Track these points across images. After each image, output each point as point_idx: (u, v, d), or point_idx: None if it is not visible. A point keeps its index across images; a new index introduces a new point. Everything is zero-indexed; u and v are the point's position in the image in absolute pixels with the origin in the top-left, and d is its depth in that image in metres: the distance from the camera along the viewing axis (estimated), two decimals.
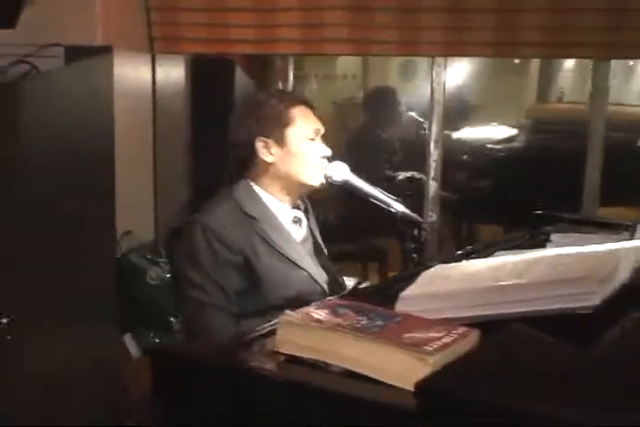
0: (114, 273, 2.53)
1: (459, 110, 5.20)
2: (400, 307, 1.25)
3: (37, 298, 2.37)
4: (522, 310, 1.14)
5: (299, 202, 1.91)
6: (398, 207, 1.81)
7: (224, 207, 1.79)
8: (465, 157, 4.35)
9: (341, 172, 1.83)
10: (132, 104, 3.01)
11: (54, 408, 2.39)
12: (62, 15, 2.71)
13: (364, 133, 4.49)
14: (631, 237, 1.70)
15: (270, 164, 1.83)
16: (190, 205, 3.24)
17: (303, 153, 1.82)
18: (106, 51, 2.52)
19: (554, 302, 1.12)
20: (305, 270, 1.81)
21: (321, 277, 1.85)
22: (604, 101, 2.91)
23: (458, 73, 5.64)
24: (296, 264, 1.80)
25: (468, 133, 4.68)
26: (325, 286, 1.84)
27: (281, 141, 1.82)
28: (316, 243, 1.93)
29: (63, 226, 2.43)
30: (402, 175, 4.15)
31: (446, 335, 1.07)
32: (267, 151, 1.83)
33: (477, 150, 4.40)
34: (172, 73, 3.31)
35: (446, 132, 4.50)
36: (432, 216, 3.10)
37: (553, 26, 2.76)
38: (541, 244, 1.81)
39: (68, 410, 2.39)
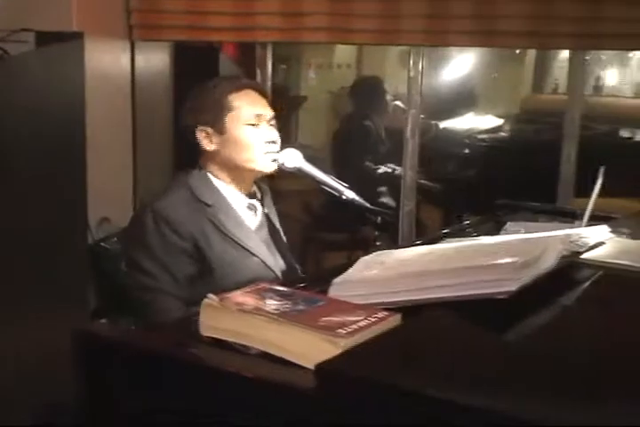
0: (84, 259, 2.54)
1: (447, 100, 5.21)
2: (332, 292, 1.26)
3: (7, 284, 2.40)
4: (444, 295, 1.15)
5: (254, 189, 1.91)
6: (349, 194, 1.82)
7: (177, 193, 1.80)
8: (449, 146, 4.36)
9: (294, 159, 1.84)
10: (110, 90, 3.02)
11: (23, 394, 2.42)
12: (38, 1, 2.72)
13: (350, 123, 4.49)
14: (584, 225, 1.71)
15: (214, 152, 1.84)
16: None
17: (243, 139, 1.81)
18: (77, 37, 2.53)
19: (473, 288, 1.13)
20: (258, 257, 1.81)
21: (275, 264, 1.86)
22: (581, 92, 2.91)
23: (447, 62, 5.64)
24: (249, 251, 1.80)
25: (456, 123, 4.67)
26: (279, 273, 1.84)
27: (220, 129, 1.82)
28: (273, 231, 1.94)
29: (32, 212, 2.45)
30: (382, 168, 4.17)
31: (364, 319, 1.08)
32: (208, 141, 1.84)
33: (462, 140, 4.40)
34: (153, 60, 3.31)
35: (433, 121, 4.53)
36: (408, 205, 3.11)
37: (534, 15, 2.75)
38: (494, 232, 1.82)
39: (39, 395, 2.42)
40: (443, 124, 4.62)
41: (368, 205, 1.80)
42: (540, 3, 2.72)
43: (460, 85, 5.53)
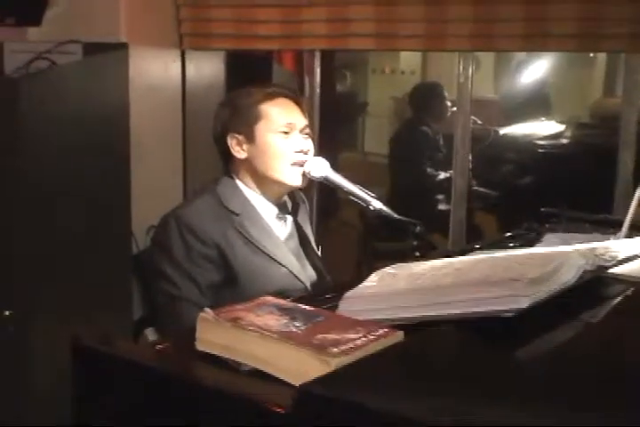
0: (128, 268, 2.56)
1: (512, 106, 5.09)
2: (342, 306, 1.22)
3: (52, 290, 2.43)
4: (452, 312, 1.09)
5: (284, 199, 1.89)
6: (376, 204, 1.77)
7: (203, 200, 1.79)
8: (507, 152, 4.25)
9: (320, 168, 1.80)
10: (159, 100, 3.05)
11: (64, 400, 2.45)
12: (87, 12, 2.77)
13: (408, 129, 4.45)
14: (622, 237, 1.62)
15: (244, 160, 1.82)
16: None
17: (273, 148, 1.78)
18: (122, 47, 2.56)
19: (481, 305, 1.07)
20: (285, 267, 1.79)
21: (304, 274, 1.83)
22: (636, 96, 2.79)
23: (514, 66, 5.51)
24: (276, 260, 1.78)
25: (517, 129, 4.55)
26: (308, 284, 1.81)
27: (251, 137, 1.80)
28: (304, 241, 1.91)
29: (77, 221, 2.48)
30: (441, 174, 4.11)
31: (362, 337, 1.04)
32: (239, 148, 1.82)
33: (521, 147, 4.28)
34: (206, 69, 3.33)
35: (492, 127, 4.43)
36: (459, 212, 3.04)
37: (582, 17, 2.65)
38: (531, 243, 1.75)
39: None
40: (503, 131, 4.51)
41: (395, 215, 1.75)
42: (590, 3, 2.61)
43: (527, 90, 5.40)
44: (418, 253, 2.11)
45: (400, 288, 1.20)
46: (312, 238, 1.96)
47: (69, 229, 2.46)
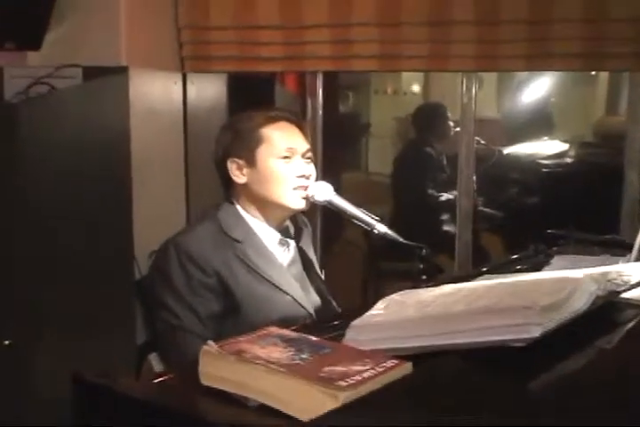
0: (131, 293, 2.52)
1: (516, 125, 5.08)
2: (349, 335, 1.19)
3: (53, 315, 2.40)
4: (462, 341, 1.06)
5: (286, 224, 1.86)
6: (380, 228, 1.73)
7: (204, 228, 1.76)
8: (511, 172, 4.23)
9: (324, 192, 1.77)
10: (161, 123, 3.03)
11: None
12: (87, 36, 2.76)
13: (412, 149, 4.43)
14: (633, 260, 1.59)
15: (244, 185, 1.79)
16: None
17: (274, 173, 1.75)
18: (122, 71, 2.54)
19: (492, 334, 1.04)
20: (289, 295, 1.75)
21: (308, 301, 1.79)
22: None
23: (516, 86, 5.50)
24: (279, 288, 1.74)
25: (521, 149, 4.53)
26: (312, 311, 1.78)
27: (252, 162, 1.77)
28: (308, 266, 1.87)
29: (78, 247, 2.45)
30: (444, 195, 4.08)
31: (370, 369, 1.01)
32: (239, 172, 1.79)
33: (525, 166, 4.26)
34: (207, 92, 3.31)
35: (496, 147, 4.41)
36: (464, 234, 3.01)
37: (586, 36, 2.64)
38: (539, 267, 1.72)
39: None
40: (507, 150, 4.48)
41: (400, 239, 1.71)
42: (593, 23, 2.60)
43: (530, 109, 5.39)
44: (424, 277, 2.08)
45: (408, 316, 1.17)
46: (316, 263, 1.92)
47: (70, 255, 2.42)
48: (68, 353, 2.36)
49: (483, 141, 4.07)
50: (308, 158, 1.80)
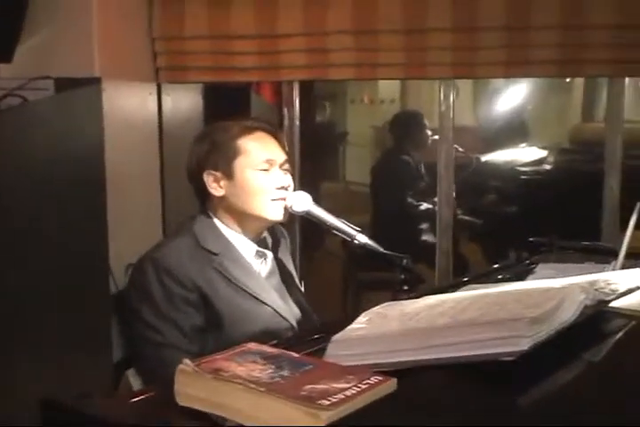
0: (107, 308, 2.47)
1: (492, 132, 5.08)
2: (330, 350, 1.15)
3: (26, 332, 2.34)
4: (448, 355, 1.03)
5: (264, 235, 1.82)
6: (361, 238, 1.70)
7: (180, 242, 1.72)
8: (489, 180, 4.22)
9: (302, 202, 1.74)
10: (136, 134, 2.98)
11: None
12: (59, 48, 2.71)
13: (389, 158, 4.41)
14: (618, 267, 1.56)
15: (222, 197, 1.75)
16: None
17: (253, 185, 1.72)
18: (94, 82, 2.50)
19: (480, 347, 1.00)
20: (269, 306, 1.71)
21: (289, 312, 1.75)
22: (621, 120, 2.76)
23: (492, 93, 5.51)
24: (259, 300, 1.70)
25: (498, 156, 4.53)
26: (293, 322, 1.74)
27: (229, 174, 1.73)
28: (287, 277, 1.84)
29: (51, 261, 2.39)
30: (423, 204, 4.06)
31: (353, 386, 0.97)
32: (216, 185, 1.75)
33: (503, 173, 4.25)
34: (183, 102, 3.27)
35: (474, 155, 4.40)
36: (444, 243, 2.98)
37: (564, 43, 2.63)
38: (523, 275, 1.69)
39: None
40: (485, 158, 4.48)
41: (381, 249, 1.68)
42: (571, 30, 2.59)
43: (506, 116, 5.39)
44: (406, 287, 2.05)
45: (391, 330, 1.13)
46: (295, 274, 1.89)
47: (43, 269, 2.37)
48: (40, 371, 2.30)
49: (461, 149, 4.06)
50: (286, 169, 1.77)
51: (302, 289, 1.92)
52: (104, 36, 2.73)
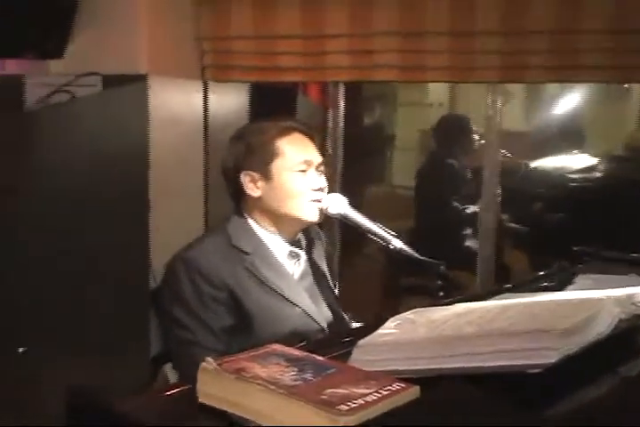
0: (146, 303, 2.50)
1: (544, 138, 4.99)
2: (355, 355, 1.14)
3: (68, 326, 2.37)
4: (473, 365, 1.00)
5: (298, 236, 1.81)
6: (397, 244, 1.68)
7: (212, 241, 1.72)
8: (538, 186, 4.14)
9: (338, 205, 1.72)
10: (181, 131, 3.00)
11: None
12: (109, 45, 2.75)
13: (433, 162, 4.37)
14: None
15: (258, 198, 1.74)
16: None
17: (290, 187, 1.71)
18: (141, 79, 2.53)
19: (506, 358, 0.98)
20: (300, 307, 1.70)
21: (320, 314, 1.74)
22: None
23: (548, 99, 5.43)
24: (289, 301, 1.69)
25: (550, 162, 4.44)
26: (324, 324, 1.73)
27: (267, 175, 1.72)
28: (320, 279, 1.82)
29: (94, 254, 2.43)
30: (469, 208, 4.01)
31: (375, 392, 0.95)
32: (253, 186, 1.74)
33: (553, 180, 4.17)
34: (229, 100, 3.28)
35: (523, 161, 4.34)
36: (486, 249, 2.94)
37: (615, 48, 2.57)
38: (561, 285, 1.65)
39: None
40: (534, 164, 4.40)
41: (417, 255, 1.66)
42: (623, 34, 2.53)
43: (559, 122, 5.30)
44: (442, 294, 2.02)
45: (418, 337, 1.11)
46: (328, 276, 1.87)
47: (86, 263, 2.41)
48: (78, 364, 2.33)
49: (509, 155, 4.00)
50: (321, 171, 1.76)
51: (336, 292, 1.91)
52: (152, 34, 2.76)
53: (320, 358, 1.08)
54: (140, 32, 2.73)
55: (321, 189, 1.72)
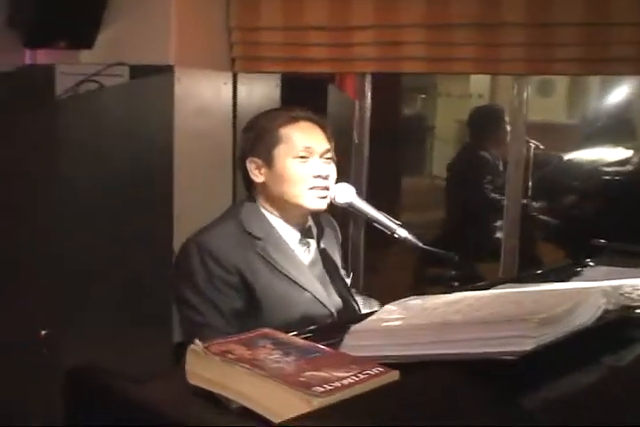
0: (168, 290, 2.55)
1: (578, 131, 4.95)
2: (346, 341, 1.17)
3: (92, 311, 2.44)
4: (453, 351, 1.03)
5: (309, 224, 1.84)
6: (401, 233, 1.70)
7: (225, 226, 1.75)
8: (569, 179, 4.11)
9: (345, 194, 1.75)
10: (210, 122, 3.05)
11: None
12: (138, 36, 2.80)
13: (466, 153, 4.36)
14: None
15: (262, 184, 1.78)
16: None
17: (290, 173, 1.73)
18: (167, 70, 2.58)
19: (483, 345, 1.00)
20: (310, 292, 1.73)
21: (329, 300, 1.77)
22: None
23: (587, 91, 5.37)
24: (300, 285, 1.72)
25: (584, 155, 4.40)
26: (333, 310, 1.75)
27: (269, 162, 1.76)
28: (331, 268, 1.85)
29: (118, 243, 2.49)
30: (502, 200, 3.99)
31: (353, 376, 0.98)
32: (257, 172, 1.78)
33: (585, 173, 4.13)
34: (257, 91, 3.32)
35: (556, 153, 4.30)
36: (511, 239, 2.94)
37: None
38: (568, 277, 1.66)
39: None
40: (568, 156, 4.36)
41: (421, 244, 1.68)
42: None
43: (595, 115, 5.25)
44: (457, 284, 2.04)
45: (407, 324, 1.14)
46: (340, 265, 1.90)
47: (111, 249, 2.46)
48: (102, 349, 2.39)
49: (542, 146, 3.98)
50: (328, 159, 1.78)
51: (348, 281, 1.93)
52: (181, 25, 2.81)
53: (309, 342, 1.11)
54: (169, 23, 2.78)
55: (322, 177, 1.74)
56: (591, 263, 1.81)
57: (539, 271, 1.78)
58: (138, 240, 2.51)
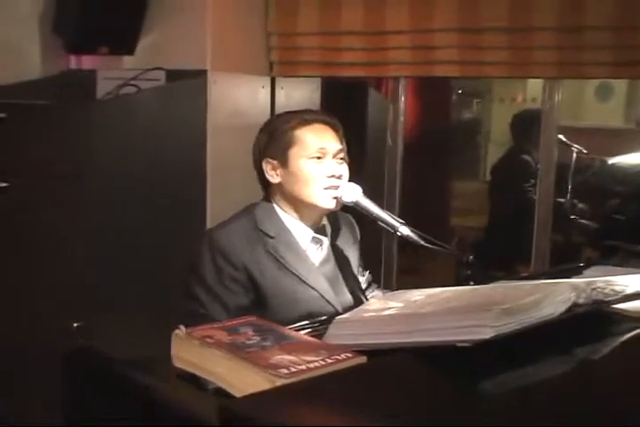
0: None
1: (624, 134, 4.89)
2: (330, 330, 1.23)
3: (124, 305, 2.54)
4: (417, 340, 1.08)
5: (323, 223, 1.89)
6: (404, 231, 1.74)
7: (239, 223, 1.82)
8: (610, 183, 4.07)
9: (352, 193, 1.80)
10: (247, 126, 3.13)
11: None
12: (176, 41, 2.90)
13: (509, 157, 4.36)
14: None
15: (278, 185, 1.84)
16: None
17: (305, 174, 1.79)
18: (201, 74, 2.68)
19: (445, 334, 1.05)
20: (317, 291, 1.79)
21: (336, 298, 1.81)
22: None
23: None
24: (305, 283, 1.78)
25: (626, 159, 4.35)
26: (340, 308, 1.80)
27: (284, 162, 1.82)
28: (344, 266, 1.90)
29: (154, 238, 2.59)
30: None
31: (321, 360, 1.05)
32: (273, 173, 1.84)
33: (628, 178, 4.09)
34: (296, 95, 3.39)
35: (600, 157, 4.27)
36: (542, 241, 2.95)
37: None
38: (566, 275, 1.69)
39: None
40: (613, 160, 4.32)
41: (422, 242, 1.72)
42: None
43: None
44: (472, 283, 2.08)
45: (384, 315, 1.20)
46: (354, 264, 1.95)
47: (144, 248, 2.56)
48: (132, 341, 2.49)
49: (585, 151, 3.97)
50: (341, 159, 1.83)
51: (362, 279, 1.98)
52: (218, 31, 2.90)
53: (289, 330, 1.17)
54: (205, 29, 2.87)
55: (336, 177, 1.79)
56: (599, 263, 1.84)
57: (559, 270, 1.82)
58: (172, 240, 2.60)
